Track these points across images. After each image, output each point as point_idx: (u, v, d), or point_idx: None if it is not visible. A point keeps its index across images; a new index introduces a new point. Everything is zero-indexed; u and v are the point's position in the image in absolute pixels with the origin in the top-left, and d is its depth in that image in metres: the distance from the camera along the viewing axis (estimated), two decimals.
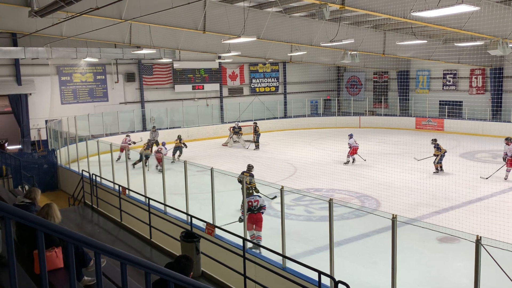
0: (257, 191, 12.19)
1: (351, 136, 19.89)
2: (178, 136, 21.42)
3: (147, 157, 17.98)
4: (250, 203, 10.20)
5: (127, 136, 21.68)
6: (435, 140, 17.84)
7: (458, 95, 29.36)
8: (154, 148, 20.67)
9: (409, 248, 9.64)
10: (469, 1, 12.02)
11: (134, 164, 17.77)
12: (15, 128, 24.92)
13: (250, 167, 13.71)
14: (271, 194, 12.58)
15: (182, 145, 21.07)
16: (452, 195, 14.05)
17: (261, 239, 10.09)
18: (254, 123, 25.57)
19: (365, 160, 19.50)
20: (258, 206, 10.28)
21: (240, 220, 10.06)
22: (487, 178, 15.90)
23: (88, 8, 12.56)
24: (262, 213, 10.34)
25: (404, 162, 18.68)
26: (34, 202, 6.41)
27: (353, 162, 19.60)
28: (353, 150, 19.53)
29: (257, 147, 24.37)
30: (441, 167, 17.34)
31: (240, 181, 11.67)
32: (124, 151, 19.35)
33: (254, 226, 10.23)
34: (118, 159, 19.19)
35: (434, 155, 17.54)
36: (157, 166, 18.63)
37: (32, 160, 18.56)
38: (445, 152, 17.42)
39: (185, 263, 4.70)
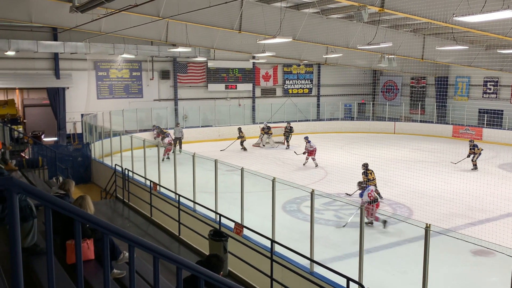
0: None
1: (308, 139, 20.36)
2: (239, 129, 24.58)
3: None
4: (369, 195, 11.89)
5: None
6: (472, 141, 19.76)
7: (499, 104, 28.43)
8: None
9: (441, 259, 9.35)
10: None
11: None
12: (52, 121, 25.58)
13: (365, 165, 14.83)
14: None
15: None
16: (488, 207, 13.57)
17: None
18: (287, 123, 26.28)
19: (299, 152, 20.94)
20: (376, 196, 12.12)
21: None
22: None
23: (127, 5, 12.74)
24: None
25: (439, 170, 18.19)
26: (68, 193, 6.52)
27: (306, 162, 20.18)
28: (310, 153, 19.96)
29: (287, 146, 25.14)
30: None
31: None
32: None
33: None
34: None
35: (474, 153, 19.08)
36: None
37: (67, 153, 18.99)
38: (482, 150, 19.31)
39: (216, 262, 4.66)
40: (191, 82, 30.06)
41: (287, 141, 25.63)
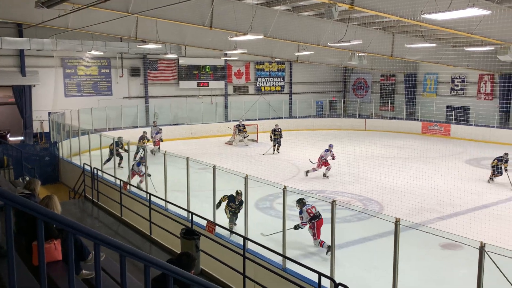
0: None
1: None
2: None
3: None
4: (309, 211, 10.13)
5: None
6: (507, 154, 16.67)
7: (466, 100, 29.12)
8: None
9: (411, 253, 9.51)
10: (480, 5, 11.87)
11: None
12: (18, 120, 24.89)
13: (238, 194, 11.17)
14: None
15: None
16: (456, 202, 13.89)
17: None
18: (275, 125, 23.80)
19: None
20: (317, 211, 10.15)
21: (296, 227, 10.07)
22: None
23: (95, 0, 12.46)
24: None
25: (409, 166, 18.51)
26: (34, 193, 6.33)
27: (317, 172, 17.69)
28: (325, 163, 17.57)
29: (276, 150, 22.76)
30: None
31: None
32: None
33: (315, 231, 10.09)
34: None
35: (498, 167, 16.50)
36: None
37: (33, 152, 18.50)
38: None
39: (187, 261, 4.61)
40: (162, 79, 29.71)
41: (277, 149, 22.70)
